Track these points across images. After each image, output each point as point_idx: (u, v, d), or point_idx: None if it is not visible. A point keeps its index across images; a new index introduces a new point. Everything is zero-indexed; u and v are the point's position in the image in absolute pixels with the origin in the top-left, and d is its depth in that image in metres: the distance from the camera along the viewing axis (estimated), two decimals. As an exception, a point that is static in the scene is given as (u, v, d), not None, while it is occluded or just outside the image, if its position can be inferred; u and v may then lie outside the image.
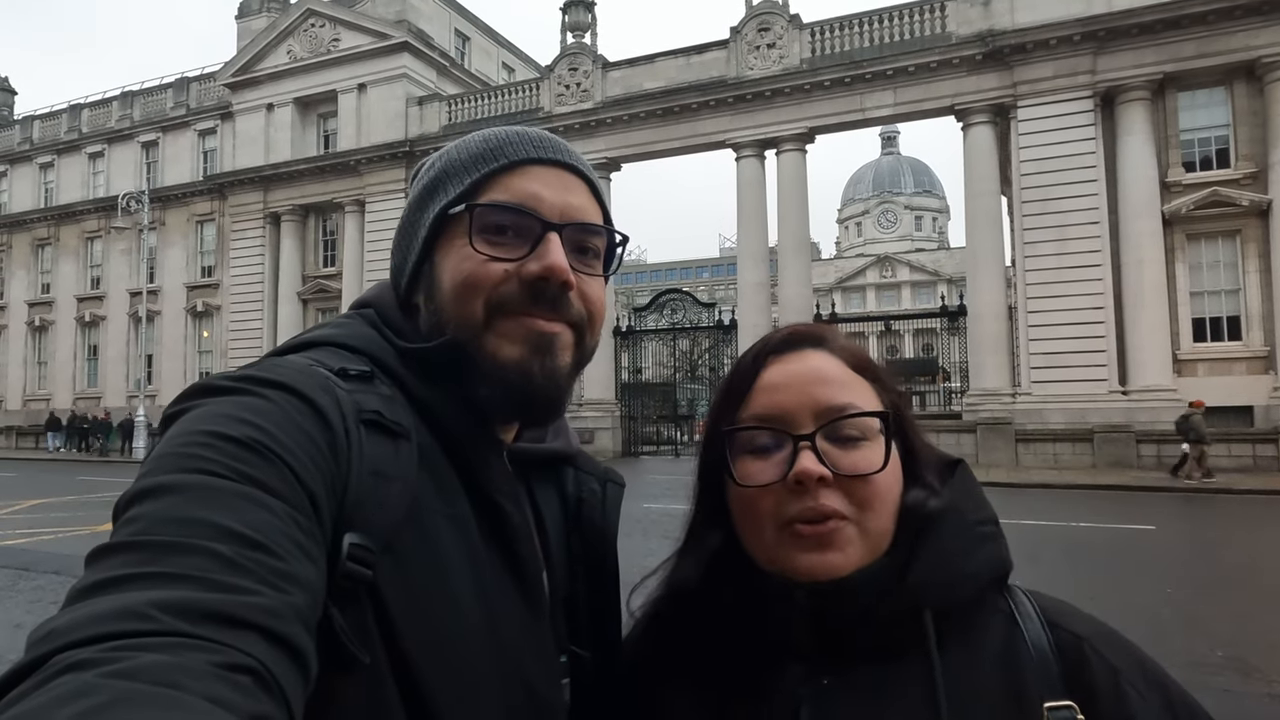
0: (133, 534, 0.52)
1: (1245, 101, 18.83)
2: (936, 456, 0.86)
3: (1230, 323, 18.96)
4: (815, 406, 0.79)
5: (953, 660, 0.74)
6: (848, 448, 0.78)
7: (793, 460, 0.77)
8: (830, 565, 0.75)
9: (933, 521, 0.79)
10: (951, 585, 0.76)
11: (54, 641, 0.45)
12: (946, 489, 0.82)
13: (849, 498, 0.77)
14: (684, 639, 0.85)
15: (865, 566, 0.76)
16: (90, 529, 11.17)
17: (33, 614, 6.39)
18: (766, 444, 0.80)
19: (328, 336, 0.78)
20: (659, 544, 9.30)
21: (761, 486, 0.78)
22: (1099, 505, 12.75)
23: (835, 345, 0.86)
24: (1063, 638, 0.76)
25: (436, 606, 0.67)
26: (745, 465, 0.81)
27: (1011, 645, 0.76)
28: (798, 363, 0.83)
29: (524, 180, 0.79)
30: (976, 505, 0.82)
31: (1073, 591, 0.78)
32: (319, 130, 31.51)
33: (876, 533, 0.77)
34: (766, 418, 0.81)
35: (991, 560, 0.80)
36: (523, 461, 0.85)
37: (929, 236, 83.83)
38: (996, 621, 0.78)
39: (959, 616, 0.76)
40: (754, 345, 0.89)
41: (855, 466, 0.77)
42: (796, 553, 0.76)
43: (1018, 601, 0.80)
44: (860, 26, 22.46)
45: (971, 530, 0.80)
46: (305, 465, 0.60)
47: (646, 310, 26.96)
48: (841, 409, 0.79)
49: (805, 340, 0.86)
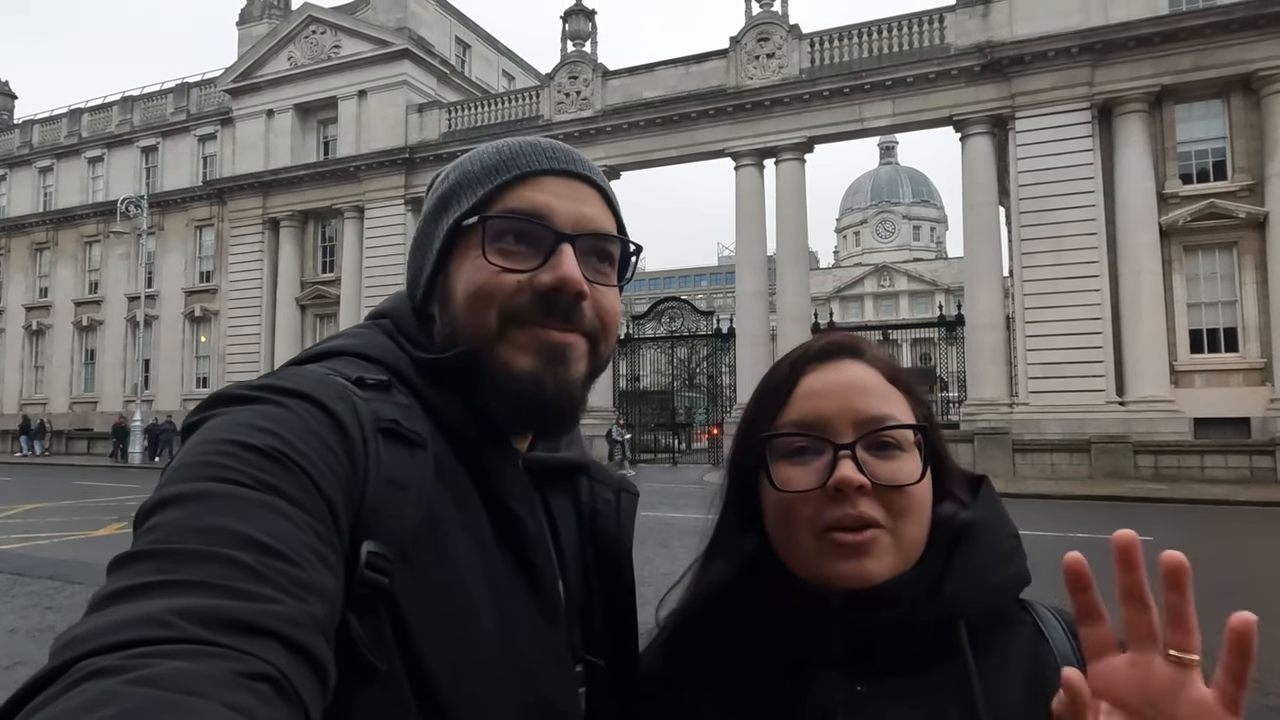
0: (154, 542, 0.53)
1: (1242, 114, 18.94)
2: (961, 472, 0.88)
3: (1227, 334, 19.01)
4: (855, 416, 0.81)
5: (983, 670, 0.75)
6: (885, 458, 0.79)
7: (832, 468, 0.78)
8: (867, 573, 0.77)
9: (965, 534, 0.80)
10: (986, 597, 0.78)
11: (77, 648, 0.45)
12: (976, 503, 0.84)
13: (886, 507, 0.78)
14: (711, 646, 0.85)
15: (899, 575, 0.78)
16: (86, 534, 11.13)
17: (27, 619, 6.36)
18: (806, 450, 0.81)
19: (345, 346, 0.78)
20: (656, 551, 9.31)
21: (800, 492, 0.79)
22: (1096, 516, 12.73)
23: (871, 356, 0.87)
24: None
25: (453, 615, 0.67)
26: (784, 470, 0.81)
27: (1038, 656, 0.78)
28: (837, 372, 0.85)
29: (537, 191, 0.79)
30: (1002, 520, 0.85)
31: (1069, 603, 0.80)
32: (319, 136, 31.55)
33: (910, 543, 0.79)
34: (807, 424, 0.82)
35: (1017, 574, 0.82)
36: (537, 471, 0.85)
37: (927, 246, 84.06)
38: (1021, 633, 0.80)
39: (988, 627, 0.78)
40: (791, 352, 0.90)
41: (894, 477, 0.78)
42: (834, 560, 0.77)
43: (1040, 614, 0.83)
44: (859, 37, 22.58)
45: (1001, 544, 0.82)
46: (324, 474, 0.61)
47: (645, 318, 27.00)
48: (881, 420, 0.81)
49: (844, 350, 0.87)
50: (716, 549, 0.90)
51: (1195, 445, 17.76)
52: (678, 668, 0.87)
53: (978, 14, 21.05)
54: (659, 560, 8.20)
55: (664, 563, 8.02)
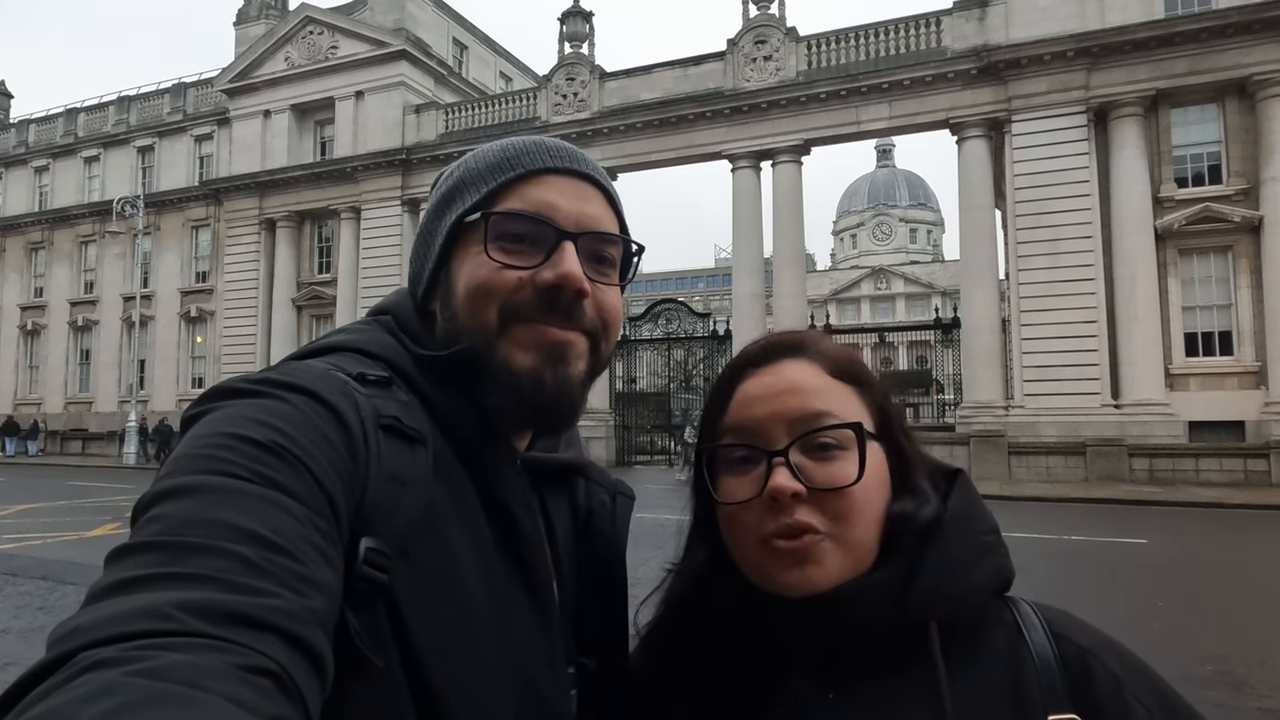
0: (154, 534, 0.52)
1: (1237, 118, 18.99)
2: (933, 465, 0.85)
3: (1222, 338, 19.05)
4: (788, 418, 0.78)
5: (958, 673, 0.72)
6: (824, 460, 0.77)
7: (768, 476, 0.76)
8: (810, 580, 0.74)
9: (935, 531, 0.77)
10: (958, 597, 0.75)
11: (77, 639, 0.45)
12: (951, 497, 0.81)
13: (824, 512, 0.75)
14: (682, 654, 0.84)
15: (859, 578, 0.75)
16: (79, 535, 11.09)
17: (19, 619, 6.33)
18: (746, 459, 0.79)
19: (346, 342, 0.78)
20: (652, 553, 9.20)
21: (741, 503, 0.78)
22: (1091, 518, 12.76)
23: (815, 351, 0.83)
24: (1067, 649, 0.74)
25: (449, 612, 0.67)
26: (725, 482, 0.80)
27: (1016, 656, 0.74)
28: (772, 375, 0.82)
29: (540, 189, 0.79)
30: (978, 514, 0.81)
31: (1064, 604, 0.78)
32: (316, 137, 31.49)
33: (856, 545, 0.76)
34: (742, 431, 0.80)
35: (995, 570, 0.78)
36: (535, 471, 0.85)
37: (923, 249, 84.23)
38: (1000, 632, 0.76)
39: (964, 628, 0.75)
40: (735, 358, 0.88)
41: (831, 480, 0.76)
42: (778, 568, 0.75)
43: (1022, 613, 0.78)
44: (856, 40, 22.61)
45: (976, 540, 0.78)
46: (325, 469, 0.61)
47: (642, 320, 26.97)
48: (816, 419, 0.78)
49: (783, 350, 0.84)
50: (683, 560, 0.89)
51: (1190, 448, 17.79)
52: (656, 675, 0.86)
53: (974, 17, 21.10)
54: (654, 562, 8.10)
55: (657, 563, 8.02)
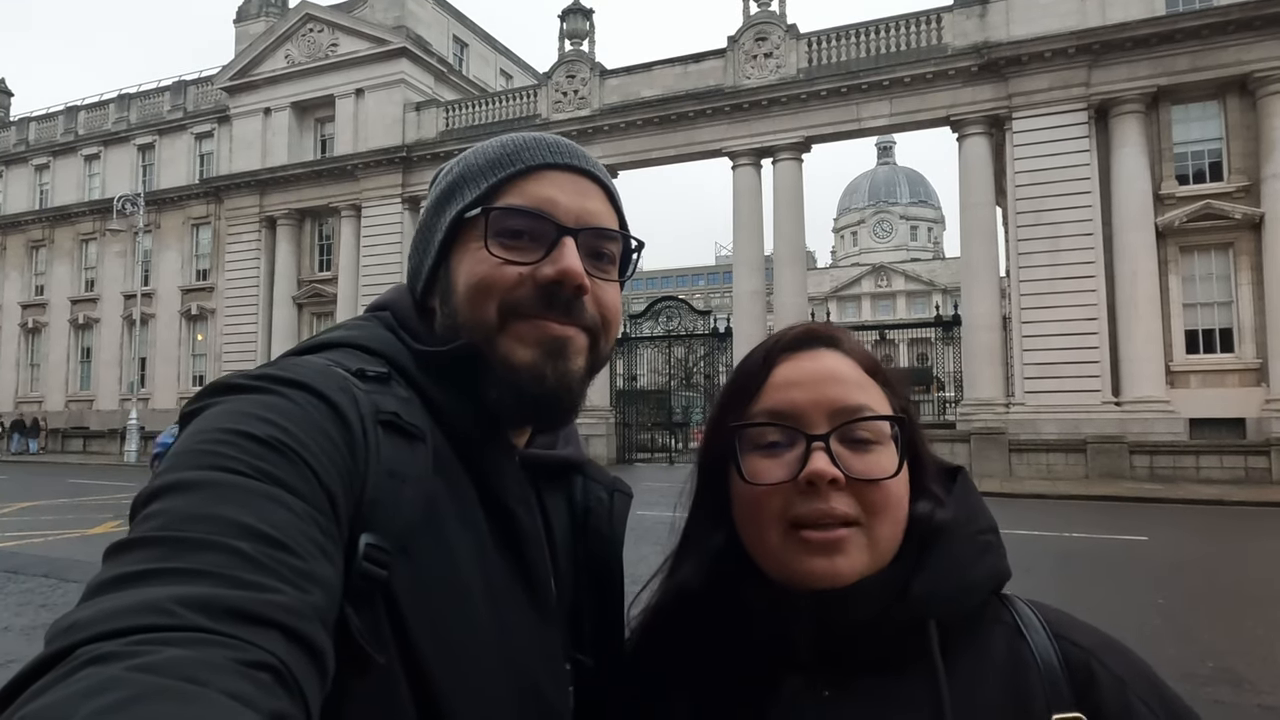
0: (153, 529, 0.52)
1: (1238, 115, 18.95)
2: (938, 464, 0.85)
3: (1223, 335, 19.03)
4: (830, 407, 0.77)
5: (957, 671, 0.72)
6: (860, 451, 0.76)
7: (805, 460, 0.75)
8: (836, 572, 0.73)
9: (939, 532, 0.77)
10: (956, 596, 0.75)
11: (77, 634, 0.45)
12: (951, 499, 0.81)
13: (860, 502, 0.74)
14: (681, 646, 0.83)
15: (871, 575, 0.74)
16: (81, 532, 11.10)
17: (21, 617, 6.34)
18: (777, 442, 0.78)
19: (345, 338, 0.78)
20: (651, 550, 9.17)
21: (770, 485, 0.76)
22: (1092, 516, 12.76)
23: (848, 346, 0.83)
24: (1069, 649, 0.74)
25: (448, 608, 0.67)
26: (754, 463, 0.78)
27: (1017, 656, 0.74)
28: (812, 361, 0.81)
29: (540, 185, 0.79)
30: (978, 513, 0.81)
31: (1065, 602, 0.78)
32: (316, 135, 31.46)
33: (884, 540, 0.75)
34: (779, 414, 0.78)
35: (992, 570, 0.78)
36: (534, 467, 0.85)
37: (924, 246, 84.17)
38: (999, 632, 0.76)
39: (962, 627, 0.75)
40: (765, 342, 0.86)
41: (869, 470, 0.75)
42: (803, 557, 0.74)
43: (1020, 612, 0.78)
44: (857, 37, 22.56)
45: (974, 540, 0.78)
46: (325, 465, 0.61)
47: (642, 317, 26.96)
48: (857, 410, 0.77)
49: (820, 339, 0.83)
50: (686, 548, 0.86)
51: (1190, 446, 17.78)
52: (652, 669, 0.84)
53: (975, 14, 21.06)
54: (653, 559, 8.15)
55: (657, 562, 8.03)
